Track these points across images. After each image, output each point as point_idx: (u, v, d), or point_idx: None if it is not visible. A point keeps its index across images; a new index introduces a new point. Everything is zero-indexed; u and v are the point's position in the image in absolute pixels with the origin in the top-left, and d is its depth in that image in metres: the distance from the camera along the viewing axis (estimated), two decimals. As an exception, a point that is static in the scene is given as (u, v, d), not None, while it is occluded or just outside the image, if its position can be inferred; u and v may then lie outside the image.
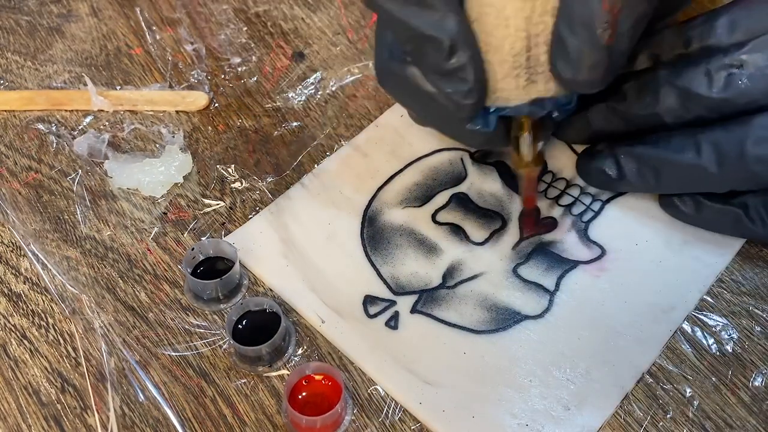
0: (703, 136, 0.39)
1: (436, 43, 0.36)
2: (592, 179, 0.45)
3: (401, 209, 0.46)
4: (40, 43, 0.55)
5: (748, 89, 0.38)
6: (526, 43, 0.36)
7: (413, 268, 0.44)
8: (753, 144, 0.38)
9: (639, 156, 0.42)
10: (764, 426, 0.38)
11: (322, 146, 0.49)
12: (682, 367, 0.40)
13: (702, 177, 0.40)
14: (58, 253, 0.45)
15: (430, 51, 0.36)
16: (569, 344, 0.41)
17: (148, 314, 0.43)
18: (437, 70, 0.37)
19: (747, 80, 0.38)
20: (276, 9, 0.57)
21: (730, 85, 0.38)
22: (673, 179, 0.41)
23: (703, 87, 0.39)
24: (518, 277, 0.43)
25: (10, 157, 0.49)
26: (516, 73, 0.37)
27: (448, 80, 0.37)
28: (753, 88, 0.38)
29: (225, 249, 0.43)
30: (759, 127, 0.38)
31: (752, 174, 0.39)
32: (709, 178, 0.40)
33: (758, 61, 0.38)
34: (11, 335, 0.42)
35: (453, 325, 0.42)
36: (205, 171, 0.48)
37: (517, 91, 0.38)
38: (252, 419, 0.39)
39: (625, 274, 0.43)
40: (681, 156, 0.40)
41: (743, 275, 0.43)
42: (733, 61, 0.38)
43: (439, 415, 0.39)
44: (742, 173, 0.39)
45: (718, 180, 0.40)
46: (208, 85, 0.52)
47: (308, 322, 0.42)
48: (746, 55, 0.38)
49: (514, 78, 0.37)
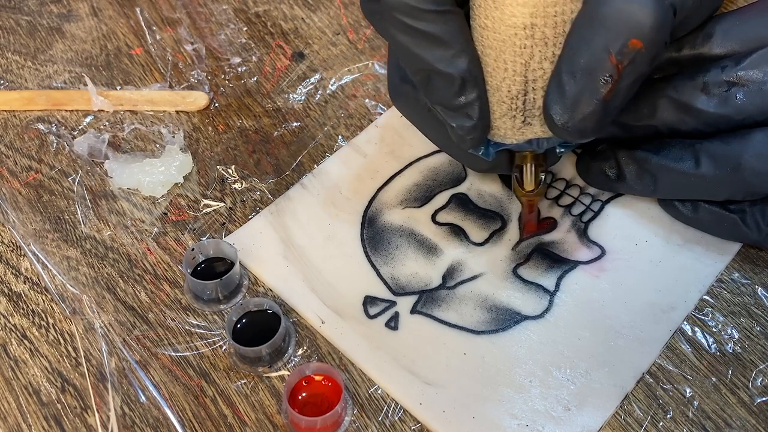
0: (702, 147, 0.40)
1: (447, 78, 0.36)
2: (592, 179, 0.45)
3: (401, 210, 0.46)
4: (40, 43, 0.55)
5: (744, 106, 0.38)
6: (523, 87, 0.37)
7: (413, 268, 0.44)
8: (750, 158, 0.38)
9: (639, 160, 0.42)
10: (764, 426, 0.38)
11: (322, 146, 0.49)
12: (682, 367, 0.40)
13: (700, 186, 0.40)
14: (58, 253, 0.45)
15: (441, 85, 0.37)
16: (569, 344, 0.41)
17: (149, 314, 0.43)
18: (445, 104, 0.37)
19: (744, 97, 0.38)
20: (276, 9, 0.57)
21: (728, 101, 0.39)
22: (671, 185, 0.42)
23: (701, 102, 0.39)
24: (518, 277, 0.43)
25: (10, 157, 0.49)
26: (513, 114, 0.38)
27: (454, 115, 0.37)
28: (750, 104, 0.38)
29: (225, 249, 0.43)
30: (757, 143, 0.38)
31: (749, 186, 0.39)
32: (706, 188, 0.40)
33: (755, 78, 0.38)
34: (11, 335, 0.42)
35: (453, 325, 0.42)
36: (205, 171, 0.48)
37: (513, 131, 0.38)
38: (252, 419, 0.39)
39: (625, 274, 0.43)
40: (680, 165, 0.40)
41: (743, 275, 0.43)
42: (730, 78, 0.39)
43: (439, 416, 0.39)
44: (739, 185, 0.39)
45: (715, 190, 0.40)
46: (208, 85, 0.52)
47: (308, 323, 0.42)
48: (743, 72, 0.38)
49: (510, 119, 0.38)
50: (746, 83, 0.38)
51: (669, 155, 0.41)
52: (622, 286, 0.43)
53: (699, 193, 0.41)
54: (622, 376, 0.40)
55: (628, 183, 0.43)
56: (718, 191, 0.40)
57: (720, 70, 0.39)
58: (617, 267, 0.43)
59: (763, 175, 0.38)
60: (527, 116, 0.38)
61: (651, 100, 0.41)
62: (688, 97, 0.39)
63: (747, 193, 0.40)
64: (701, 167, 0.40)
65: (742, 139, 0.39)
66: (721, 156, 0.39)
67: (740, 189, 0.40)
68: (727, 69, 0.39)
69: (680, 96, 0.40)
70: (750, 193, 0.40)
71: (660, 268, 0.43)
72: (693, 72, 0.40)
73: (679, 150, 0.41)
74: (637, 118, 0.41)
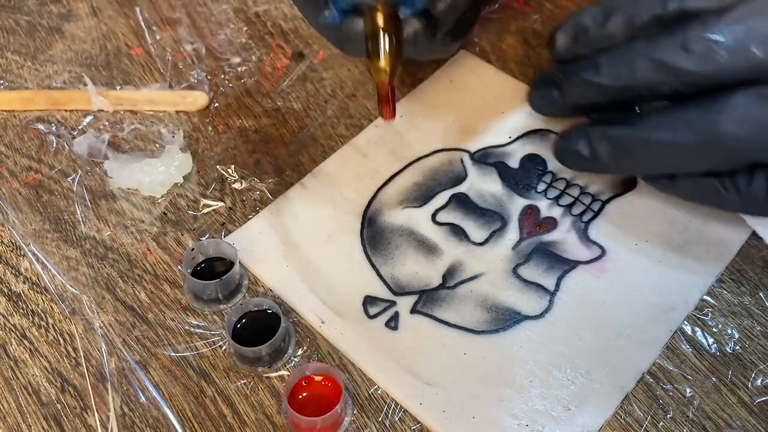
0: (677, 115, 0.38)
1: None
2: (566, 160, 0.44)
3: (401, 209, 0.46)
4: (40, 43, 0.55)
5: (727, 63, 0.36)
6: None
7: (413, 268, 0.44)
8: (729, 122, 0.36)
9: (613, 137, 0.41)
10: (764, 426, 0.38)
11: (322, 146, 0.49)
12: (682, 367, 0.40)
13: (677, 156, 0.38)
14: (58, 253, 0.45)
15: None
16: (569, 344, 0.41)
17: (148, 314, 0.43)
18: None
19: (726, 54, 0.36)
20: (276, 9, 0.57)
21: (709, 59, 0.36)
22: (647, 159, 0.40)
23: (680, 60, 0.37)
24: (518, 277, 0.43)
25: (10, 157, 0.49)
26: None
27: None
28: (732, 62, 0.36)
29: (225, 249, 0.43)
30: (735, 106, 0.36)
31: (730, 154, 0.37)
32: (684, 157, 0.38)
33: (738, 34, 0.36)
34: (11, 335, 0.42)
35: (453, 325, 0.42)
36: (205, 171, 0.48)
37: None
38: (252, 419, 0.39)
39: (625, 274, 0.43)
40: (655, 135, 0.38)
41: (744, 275, 0.43)
42: (712, 33, 0.36)
43: (439, 416, 0.39)
44: (720, 154, 0.37)
45: (695, 160, 0.38)
46: (208, 85, 0.52)
47: (308, 323, 0.42)
48: (726, 26, 0.36)
49: None
50: (729, 40, 0.36)
51: (643, 125, 0.39)
52: (622, 286, 0.43)
53: (677, 165, 0.39)
54: (623, 376, 0.40)
55: (602, 162, 0.41)
56: (698, 162, 0.38)
57: (701, 26, 0.37)
58: (617, 267, 0.43)
59: (744, 141, 0.36)
60: None
61: (630, 59, 0.39)
62: (668, 55, 0.37)
63: (729, 163, 0.38)
64: (678, 135, 0.37)
65: (721, 101, 0.36)
66: (698, 122, 0.37)
67: (721, 158, 0.37)
68: (709, 24, 0.36)
69: (660, 54, 0.38)
70: (731, 162, 0.38)
71: (660, 268, 0.43)
72: (673, 27, 0.38)
73: (654, 119, 0.38)
74: (616, 78, 0.40)
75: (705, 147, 0.37)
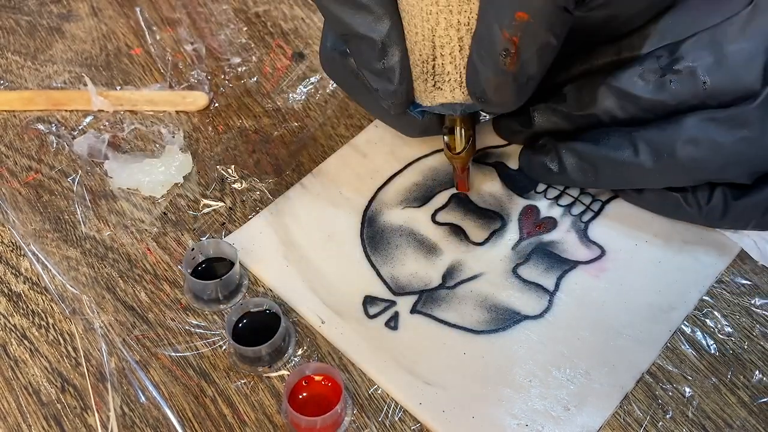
0: (639, 135, 0.41)
1: (369, 42, 0.38)
2: (534, 173, 0.46)
3: (401, 209, 0.46)
4: (40, 43, 0.55)
5: (678, 91, 0.40)
6: (431, 52, 0.38)
7: (413, 268, 0.44)
8: (684, 143, 0.39)
9: (579, 152, 0.43)
10: (764, 426, 0.38)
11: (322, 146, 0.49)
12: (681, 367, 0.40)
13: (639, 174, 0.41)
14: (58, 253, 0.45)
15: (364, 49, 0.38)
16: (569, 344, 0.41)
17: (148, 314, 0.43)
18: (368, 67, 0.39)
19: (677, 82, 0.40)
20: (276, 9, 0.57)
21: (663, 87, 0.40)
22: (611, 175, 0.42)
23: (638, 88, 0.41)
24: (518, 277, 0.43)
25: (10, 157, 0.49)
26: (425, 78, 0.39)
27: (377, 78, 0.39)
28: (683, 89, 0.40)
29: (225, 249, 0.43)
30: (689, 127, 0.39)
31: (686, 172, 0.40)
32: (645, 175, 0.41)
33: (686, 65, 0.40)
34: (11, 335, 0.42)
35: (453, 325, 0.42)
36: (205, 171, 0.48)
37: (426, 94, 0.40)
38: (252, 419, 0.39)
39: (625, 274, 0.43)
40: (619, 153, 0.41)
41: (743, 275, 0.43)
42: (664, 65, 0.40)
43: (439, 416, 0.39)
44: (677, 172, 0.40)
45: (654, 177, 0.41)
46: (208, 85, 0.52)
47: (308, 323, 0.42)
48: (676, 60, 0.40)
49: (423, 82, 0.39)
50: (679, 70, 0.40)
51: (608, 144, 0.42)
52: (622, 286, 0.43)
53: (639, 182, 0.42)
54: (622, 376, 0.40)
55: (569, 175, 0.44)
56: (658, 179, 0.41)
57: (655, 59, 0.41)
58: (617, 267, 0.43)
59: (698, 161, 0.39)
60: (437, 81, 0.39)
61: (592, 89, 0.42)
62: (627, 84, 0.41)
63: (686, 180, 0.41)
64: (639, 155, 0.40)
65: (676, 124, 0.40)
66: (657, 143, 0.40)
67: (678, 176, 0.40)
68: (661, 59, 0.40)
69: (619, 83, 0.41)
70: (687, 178, 0.41)
71: (660, 268, 0.43)
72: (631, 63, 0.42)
73: (617, 139, 0.41)
74: (579, 107, 0.43)
75: (663, 167, 0.40)
